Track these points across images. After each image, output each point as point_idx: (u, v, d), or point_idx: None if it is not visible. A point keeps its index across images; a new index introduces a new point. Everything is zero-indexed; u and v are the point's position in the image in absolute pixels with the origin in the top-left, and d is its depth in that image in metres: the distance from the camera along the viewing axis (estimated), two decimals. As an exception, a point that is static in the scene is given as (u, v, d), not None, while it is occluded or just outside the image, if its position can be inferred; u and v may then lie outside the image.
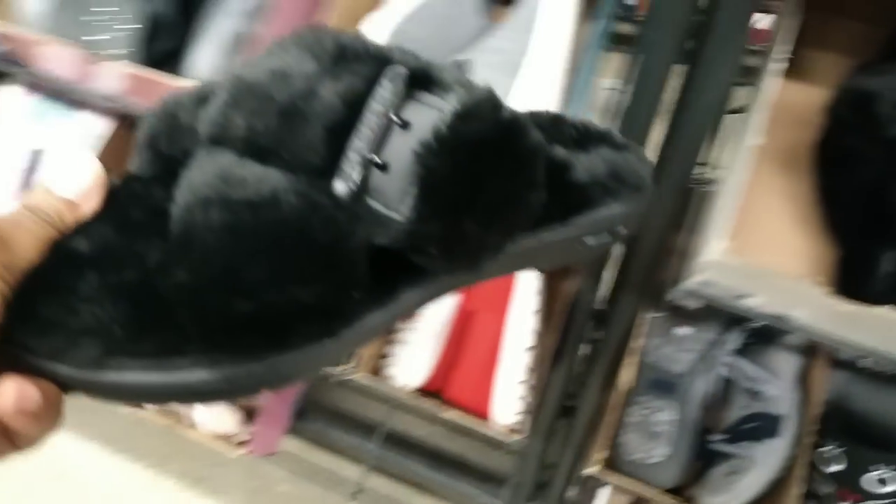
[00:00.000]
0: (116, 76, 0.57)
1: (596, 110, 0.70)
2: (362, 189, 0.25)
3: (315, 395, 1.19)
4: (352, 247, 0.24)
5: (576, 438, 0.85)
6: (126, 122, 0.90)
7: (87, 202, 0.26)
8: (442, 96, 0.26)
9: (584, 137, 0.32)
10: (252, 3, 0.58)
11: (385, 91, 0.25)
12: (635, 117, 0.58)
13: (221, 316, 0.23)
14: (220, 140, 0.25)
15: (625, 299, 0.70)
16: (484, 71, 0.56)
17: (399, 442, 1.16)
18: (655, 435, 0.72)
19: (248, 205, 0.23)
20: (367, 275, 0.25)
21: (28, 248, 0.24)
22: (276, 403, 1.05)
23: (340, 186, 0.25)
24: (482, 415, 0.77)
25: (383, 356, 0.82)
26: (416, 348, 0.78)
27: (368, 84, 0.25)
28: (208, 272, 0.23)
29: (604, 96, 0.70)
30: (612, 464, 0.74)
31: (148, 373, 0.23)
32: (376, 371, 0.81)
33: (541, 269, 0.31)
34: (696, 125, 0.58)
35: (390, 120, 0.25)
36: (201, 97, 0.27)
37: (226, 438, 0.99)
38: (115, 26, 0.57)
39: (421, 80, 0.26)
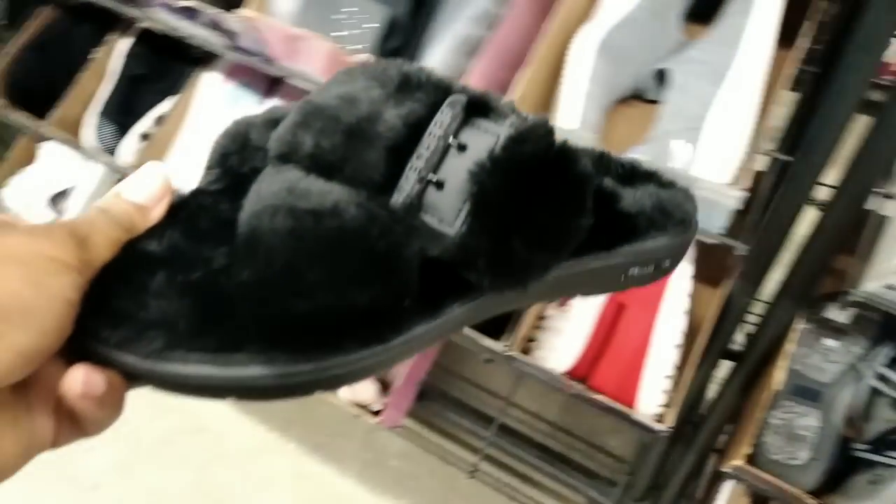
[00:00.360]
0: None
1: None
2: (418, 204, 0.26)
3: (434, 380, 1.26)
4: (406, 256, 0.26)
5: (704, 438, 0.88)
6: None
7: (156, 208, 0.28)
8: (498, 122, 0.27)
9: (631, 174, 0.33)
10: (481, 10, 0.66)
11: (445, 116, 0.27)
12: (819, 137, 0.62)
13: (281, 315, 0.25)
14: (287, 157, 0.27)
15: (782, 307, 0.74)
16: (686, 78, 0.62)
17: (511, 433, 1.21)
18: (799, 438, 0.75)
19: (312, 213, 0.25)
20: (419, 285, 0.26)
21: (102, 247, 0.26)
22: (406, 380, 1.12)
23: (398, 201, 0.26)
24: (627, 405, 0.81)
25: (532, 340, 0.87)
26: (566, 335, 0.83)
27: (430, 110, 0.27)
28: (271, 273, 0.25)
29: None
30: (753, 461, 0.77)
31: (207, 366, 0.25)
32: (526, 353, 0.87)
33: (584, 295, 0.32)
34: (881, 151, 0.61)
35: (448, 142, 0.27)
36: (272, 120, 0.29)
37: (362, 407, 1.06)
38: (361, 25, 0.65)
39: (479, 108, 0.28)
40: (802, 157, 0.64)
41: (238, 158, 0.30)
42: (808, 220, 0.69)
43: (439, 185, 0.26)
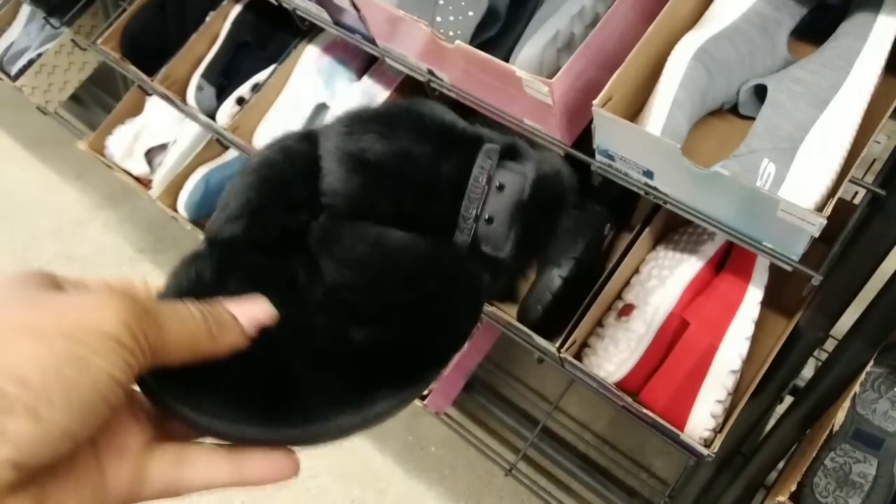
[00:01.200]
0: (458, 58, 0.66)
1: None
2: (476, 238, 0.32)
3: (484, 374, 1.27)
4: (479, 285, 0.33)
5: (753, 471, 0.86)
6: (402, 90, 1.02)
7: (249, 332, 0.27)
8: (523, 163, 0.33)
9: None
10: (581, 6, 0.66)
11: (486, 163, 0.32)
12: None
13: (407, 356, 0.29)
14: (365, 215, 0.31)
15: (854, 346, 0.71)
16: (784, 97, 0.60)
17: (555, 438, 1.21)
18: (852, 484, 0.72)
19: (412, 263, 0.30)
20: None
21: (173, 332, 0.24)
22: (455, 369, 1.13)
23: (460, 239, 0.32)
24: (675, 425, 0.80)
25: (587, 346, 0.87)
26: (623, 345, 0.83)
27: (470, 160, 0.32)
28: (393, 325, 0.29)
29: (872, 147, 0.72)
30: (798, 500, 0.74)
31: (348, 417, 0.28)
32: (578, 358, 0.87)
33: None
34: None
35: (491, 185, 0.32)
36: (309, 175, 0.32)
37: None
38: (465, 12, 0.66)
39: (508, 152, 0.34)
40: (893, 191, 0.61)
41: (281, 212, 0.31)
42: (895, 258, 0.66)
43: (489, 221, 0.32)
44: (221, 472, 0.27)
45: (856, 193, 0.78)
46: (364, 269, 0.30)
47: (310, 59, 1.05)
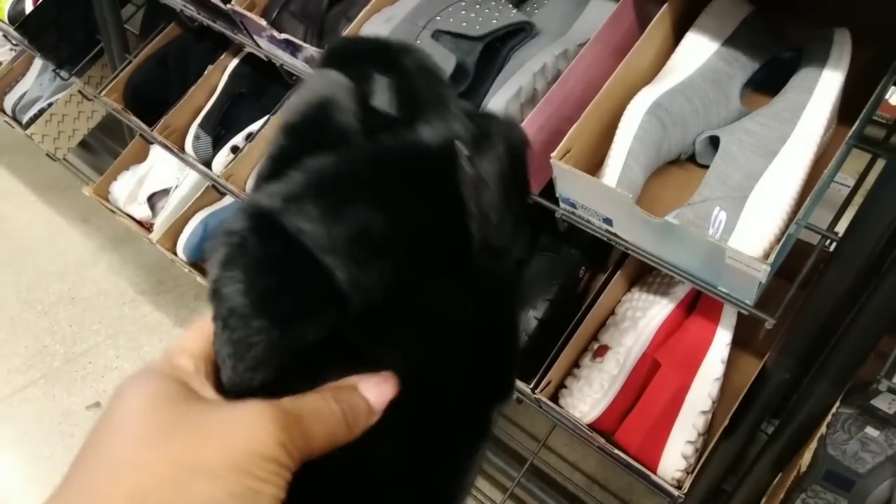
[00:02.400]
0: None
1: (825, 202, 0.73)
2: (485, 241, 0.31)
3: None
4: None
5: (732, 513, 0.86)
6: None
7: (372, 418, 0.27)
8: (492, 142, 0.32)
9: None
10: (543, 64, 0.70)
11: (469, 170, 0.30)
12: (866, 219, 0.62)
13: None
14: (398, 294, 0.28)
15: (819, 387, 0.72)
16: (735, 148, 0.63)
17: (543, 478, 1.21)
18: (824, 527, 0.73)
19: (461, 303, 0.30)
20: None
21: (318, 436, 0.25)
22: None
23: (480, 240, 0.31)
24: (648, 465, 0.81)
25: (563, 386, 0.89)
26: (597, 385, 0.84)
27: (454, 181, 0.30)
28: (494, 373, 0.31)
29: (833, 188, 0.74)
30: (773, 543, 0.75)
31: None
32: (554, 399, 0.88)
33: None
34: None
35: (481, 190, 0.31)
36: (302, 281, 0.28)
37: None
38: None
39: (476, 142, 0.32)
40: (849, 236, 0.63)
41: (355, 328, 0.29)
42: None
43: (489, 219, 0.31)
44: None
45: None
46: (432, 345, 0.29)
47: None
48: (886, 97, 0.80)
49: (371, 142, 0.30)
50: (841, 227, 0.66)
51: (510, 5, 0.75)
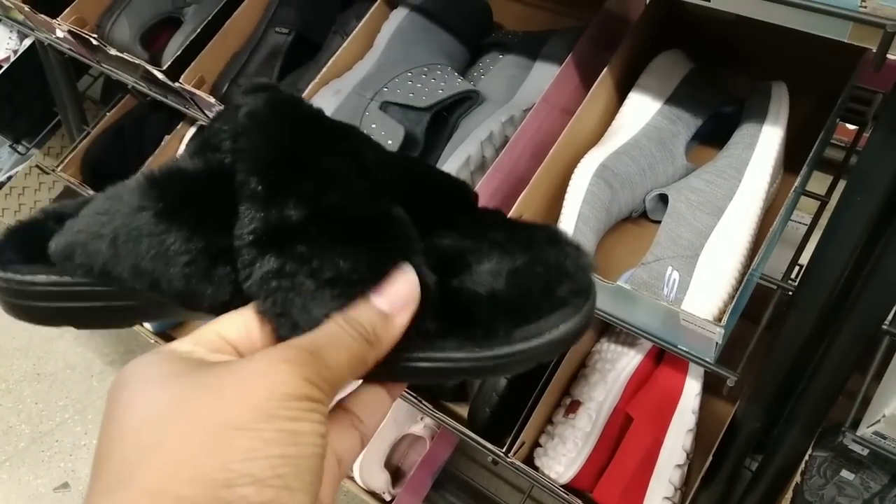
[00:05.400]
0: None
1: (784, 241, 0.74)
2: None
3: (454, 469, 1.25)
4: None
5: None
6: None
7: (403, 316, 0.25)
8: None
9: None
10: (490, 131, 0.70)
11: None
12: (820, 267, 0.62)
13: None
14: None
15: (790, 433, 0.72)
16: (683, 206, 0.64)
17: (527, 532, 1.18)
18: (808, 578, 0.72)
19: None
20: None
21: (343, 366, 0.24)
22: (421, 471, 1.12)
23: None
24: (628, 521, 0.79)
25: (538, 445, 0.87)
26: (570, 444, 0.83)
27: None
28: None
29: (790, 227, 0.75)
30: None
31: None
32: (529, 460, 0.87)
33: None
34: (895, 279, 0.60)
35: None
36: None
37: (373, 495, 1.07)
38: (386, 140, 0.70)
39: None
40: (804, 286, 0.64)
41: None
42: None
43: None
44: (385, 405, 0.28)
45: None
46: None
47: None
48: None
49: None
50: (804, 259, 0.66)
51: (455, 74, 0.75)
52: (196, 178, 0.28)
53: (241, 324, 0.25)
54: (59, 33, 1.01)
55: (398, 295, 0.25)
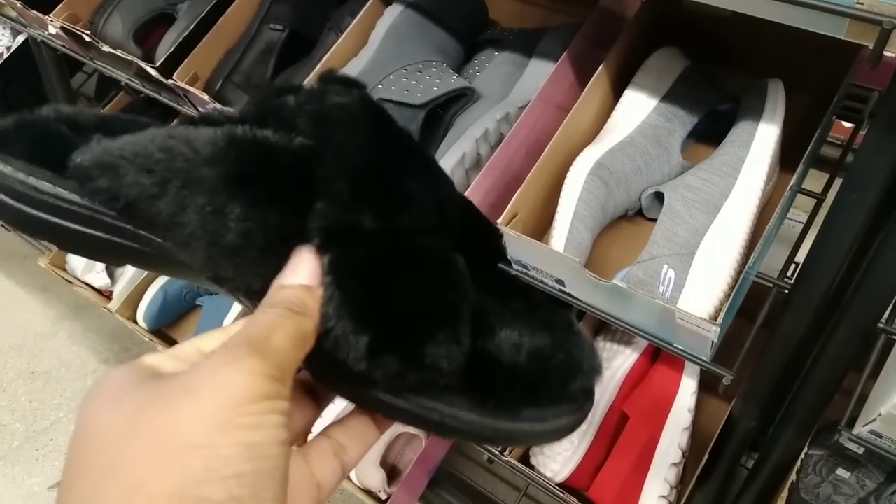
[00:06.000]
0: None
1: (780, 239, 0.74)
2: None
3: (450, 467, 1.25)
4: None
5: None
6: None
7: (316, 283, 0.26)
8: None
9: None
10: (485, 129, 0.70)
11: None
12: (815, 266, 0.62)
13: None
14: None
15: (786, 431, 0.72)
16: (680, 204, 0.63)
17: (523, 530, 1.18)
18: (803, 576, 0.71)
19: None
20: None
21: (289, 345, 0.23)
22: (416, 469, 1.12)
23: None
24: (623, 520, 0.79)
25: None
26: (567, 443, 0.83)
27: None
28: None
29: (787, 225, 0.74)
30: None
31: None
32: (525, 458, 0.87)
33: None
34: (891, 274, 0.60)
35: None
36: None
37: (369, 493, 1.07)
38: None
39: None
40: (799, 285, 0.63)
41: None
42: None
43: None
44: (371, 437, 0.28)
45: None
46: None
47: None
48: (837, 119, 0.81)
49: None
50: (800, 257, 0.65)
51: (451, 71, 0.75)
52: (275, 154, 0.26)
53: (224, 340, 0.25)
54: (52, 30, 1.01)
55: (307, 269, 0.26)
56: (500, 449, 0.82)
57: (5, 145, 0.26)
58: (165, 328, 1.32)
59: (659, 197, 0.67)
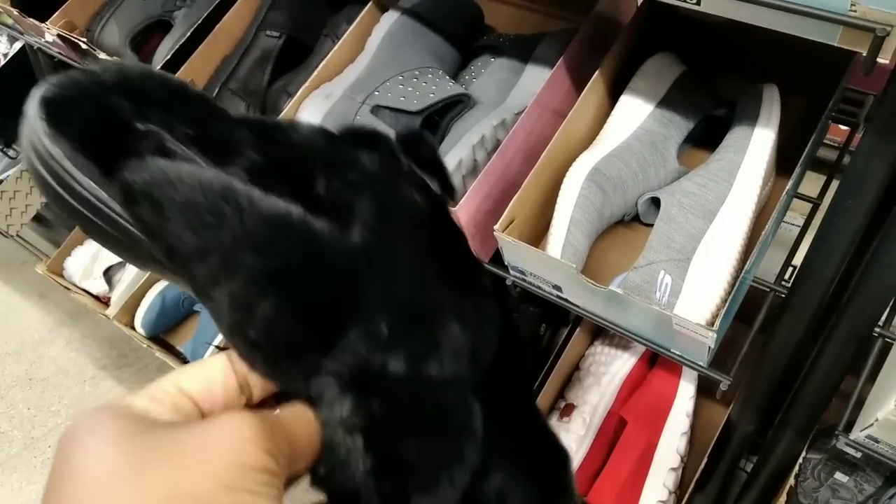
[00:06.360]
0: None
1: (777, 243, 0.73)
2: None
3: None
4: None
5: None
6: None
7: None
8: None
9: None
10: (481, 135, 0.70)
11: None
12: (812, 270, 0.62)
13: None
14: None
15: (784, 436, 0.72)
16: (676, 210, 0.63)
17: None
18: (802, 581, 0.71)
19: None
20: None
21: (303, 439, 0.24)
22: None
23: None
24: (622, 525, 0.79)
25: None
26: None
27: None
28: None
29: (783, 228, 0.74)
30: None
31: None
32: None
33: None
34: (888, 279, 0.60)
35: None
36: None
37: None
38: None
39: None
40: (796, 289, 0.63)
41: None
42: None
43: None
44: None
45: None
46: None
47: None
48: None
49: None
50: (797, 261, 0.65)
51: (447, 77, 0.75)
52: (325, 254, 0.24)
53: (203, 376, 0.25)
54: (49, 37, 1.01)
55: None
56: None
57: (61, 121, 0.24)
58: (163, 334, 1.32)
59: (655, 202, 0.67)
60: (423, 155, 0.29)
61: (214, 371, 0.25)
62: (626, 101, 0.69)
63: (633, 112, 0.68)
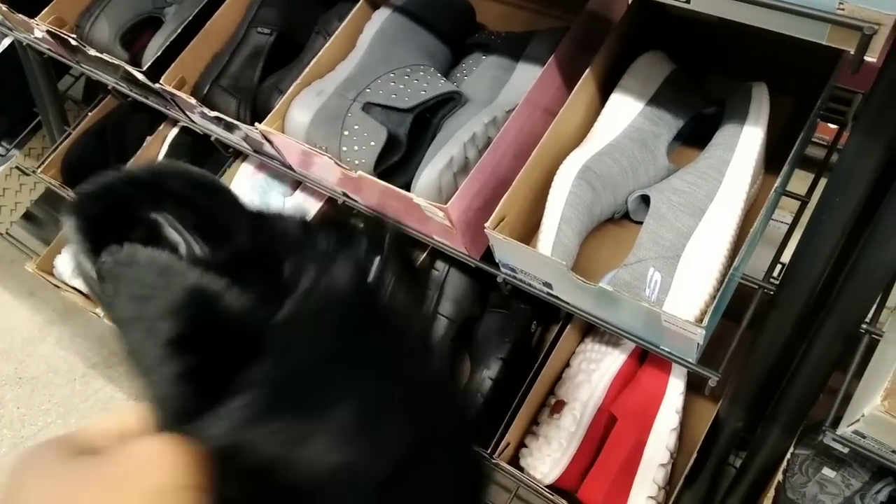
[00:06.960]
0: (366, 185, 0.70)
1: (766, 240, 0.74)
2: None
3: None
4: None
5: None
6: (331, 203, 1.05)
7: None
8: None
9: None
10: (472, 132, 0.70)
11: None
12: (800, 268, 0.62)
13: None
14: None
15: (772, 432, 0.72)
16: (665, 207, 0.64)
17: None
18: (790, 575, 0.72)
19: None
20: None
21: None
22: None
23: None
24: (613, 521, 0.80)
25: (524, 445, 0.87)
26: (555, 444, 0.83)
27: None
28: None
29: (772, 226, 0.75)
30: None
31: None
32: (515, 460, 0.87)
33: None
34: (875, 276, 0.60)
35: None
36: None
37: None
38: (368, 142, 0.70)
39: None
40: (784, 287, 0.64)
41: None
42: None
43: None
44: None
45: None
46: None
47: (245, 176, 1.09)
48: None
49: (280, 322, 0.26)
50: (785, 258, 0.66)
51: (438, 75, 0.75)
52: (227, 328, 0.25)
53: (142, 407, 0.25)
54: (38, 33, 1.00)
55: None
56: (489, 451, 0.82)
57: (80, 212, 0.27)
58: (154, 332, 1.31)
59: (645, 200, 0.68)
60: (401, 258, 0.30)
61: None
62: (616, 98, 0.69)
63: (624, 110, 0.69)
